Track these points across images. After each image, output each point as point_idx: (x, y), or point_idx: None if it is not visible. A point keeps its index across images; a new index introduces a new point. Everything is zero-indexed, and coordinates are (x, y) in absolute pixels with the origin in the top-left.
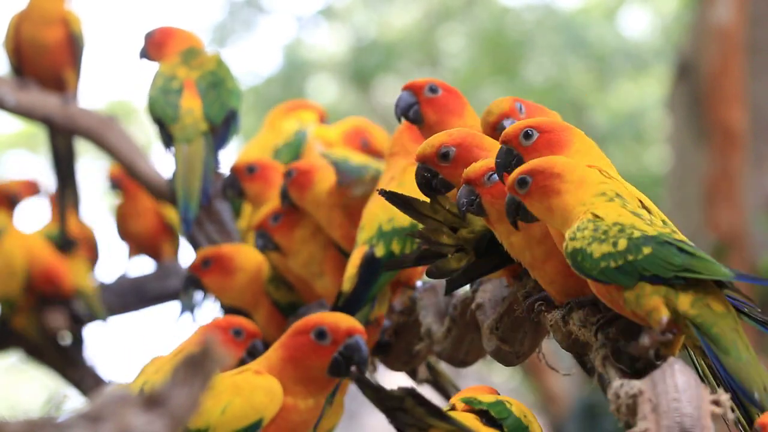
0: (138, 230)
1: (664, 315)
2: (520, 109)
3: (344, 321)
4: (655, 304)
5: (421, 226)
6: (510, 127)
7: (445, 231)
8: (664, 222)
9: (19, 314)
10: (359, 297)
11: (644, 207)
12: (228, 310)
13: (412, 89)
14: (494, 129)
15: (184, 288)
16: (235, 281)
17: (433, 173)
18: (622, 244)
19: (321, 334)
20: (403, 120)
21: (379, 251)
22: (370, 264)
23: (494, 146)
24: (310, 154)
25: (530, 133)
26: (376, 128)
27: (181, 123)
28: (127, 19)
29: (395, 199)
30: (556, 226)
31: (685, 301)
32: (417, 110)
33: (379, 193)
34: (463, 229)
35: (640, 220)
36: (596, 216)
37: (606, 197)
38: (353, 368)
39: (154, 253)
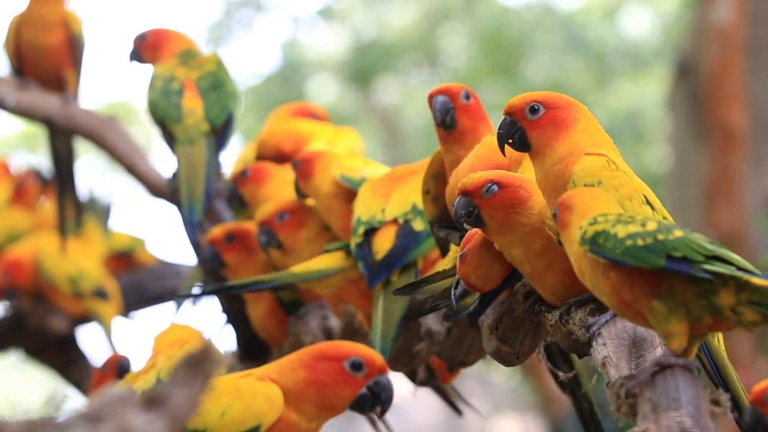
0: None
1: (681, 345)
2: None
3: (379, 356)
4: (679, 330)
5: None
6: (517, 98)
7: None
8: (665, 219)
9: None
10: (396, 258)
11: (648, 203)
12: (228, 309)
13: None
14: None
15: (204, 261)
16: (254, 260)
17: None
18: (652, 225)
19: (356, 365)
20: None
21: (418, 226)
22: (408, 234)
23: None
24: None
25: (536, 108)
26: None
27: (183, 123)
28: (127, 19)
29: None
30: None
31: (726, 296)
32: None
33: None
34: None
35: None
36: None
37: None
38: (378, 408)
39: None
